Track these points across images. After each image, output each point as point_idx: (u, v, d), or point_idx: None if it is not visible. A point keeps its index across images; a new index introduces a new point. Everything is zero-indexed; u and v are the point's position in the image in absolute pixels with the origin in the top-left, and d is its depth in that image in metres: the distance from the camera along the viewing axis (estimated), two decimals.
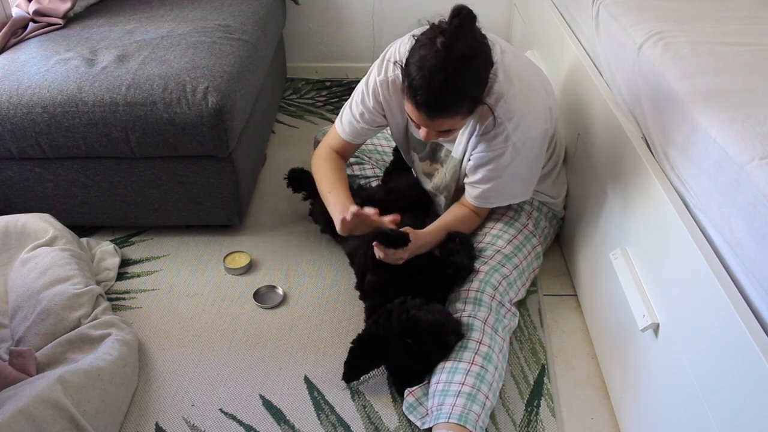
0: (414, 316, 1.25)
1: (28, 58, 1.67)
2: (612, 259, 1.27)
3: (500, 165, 1.35)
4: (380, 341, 1.28)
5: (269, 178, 2.03)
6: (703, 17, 1.40)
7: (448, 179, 1.49)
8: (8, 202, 1.71)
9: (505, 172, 1.36)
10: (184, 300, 1.58)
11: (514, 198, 1.46)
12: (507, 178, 1.37)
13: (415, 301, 1.30)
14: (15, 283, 1.47)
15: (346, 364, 1.29)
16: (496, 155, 1.33)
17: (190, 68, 1.60)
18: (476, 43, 1.15)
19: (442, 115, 1.19)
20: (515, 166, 1.35)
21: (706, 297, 0.92)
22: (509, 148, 1.31)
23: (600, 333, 1.41)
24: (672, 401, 1.03)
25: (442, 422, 1.16)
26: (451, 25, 1.12)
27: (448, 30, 1.12)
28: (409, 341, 1.24)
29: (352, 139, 1.53)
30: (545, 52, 2.01)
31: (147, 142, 1.57)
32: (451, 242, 1.40)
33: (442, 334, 1.24)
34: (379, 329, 1.28)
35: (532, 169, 1.42)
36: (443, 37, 1.11)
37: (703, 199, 1.00)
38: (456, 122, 1.23)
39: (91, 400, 1.17)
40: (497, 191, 1.41)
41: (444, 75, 1.12)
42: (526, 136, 1.31)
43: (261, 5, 2.12)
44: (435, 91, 1.14)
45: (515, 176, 1.38)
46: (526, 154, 1.34)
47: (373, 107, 1.46)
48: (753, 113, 0.99)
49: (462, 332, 1.28)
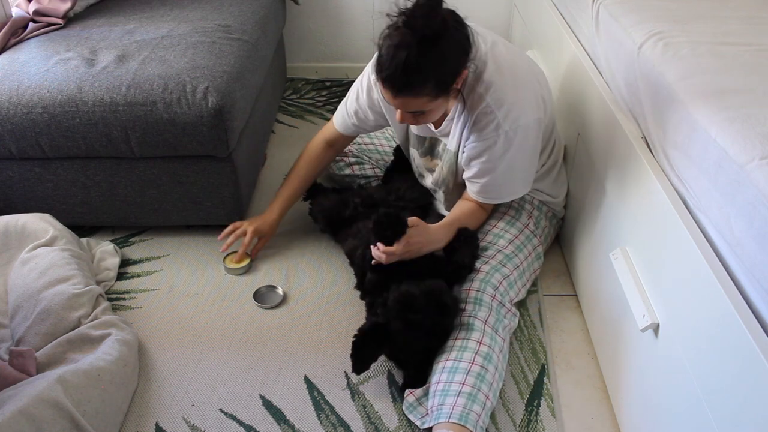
0: (407, 290, 1.26)
1: (28, 58, 1.67)
2: (612, 259, 1.27)
3: (493, 155, 1.35)
4: (381, 329, 1.27)
5: (269, 178, 2.03)
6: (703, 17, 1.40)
7: (445, 173, 1.50)
8: (8, 202, 1.71)
9: (499, 163, 1.36)
10: (184, 300, 1.58)
11: (514, 193, 1.46)
12: (503, 169, 1.37)
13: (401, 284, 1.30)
14: (15, 283, 1.47)
15: (352, 357, 1.28)
16: (488, 145, 1.34)
17: (190, 68, 1.60)
18: (442, 26, 1.16)
19: (406, 94, 1.21)
20: (509, 156, 1.35)
21: (706, 297, 0.92)
22: (501, 136, 1.32)
23: (600, 333, 1.41)
24: (672, 401, 1.03)
25: (443, 422, 1.16)
26: (416, 6, 1.16)
27: (410, 10, 1.16)
28: (410, 316, 1.24)
29: (344, 131, 1.64)
30: (545, 52, 2.01)
31: (147, 142, 1.57)
32: (456, 240, 1.40)
33: (436, 295, 1.25)
34: (378, 316, 1.28)
35: (528, 160, 1.41)
36: (404, 16, 1.16)
37: (703, 199, 1.00)
38: (424, 103, 1.24)
39: (91, 400, 1.17)
40: (496, 185, 1.41)
41: (405, 53, 1.15)
42: (518, 123, 1.31)
43: (261, 5, 2.12)
44: (397, 68, 1.17)
45: (511, 168, 1.38)
46: (520, 144, 1.34)
47: (368, 105, 1.50)
48: (753, 113, 0.99)
49: (457, 296, 1.30)
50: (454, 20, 1.20)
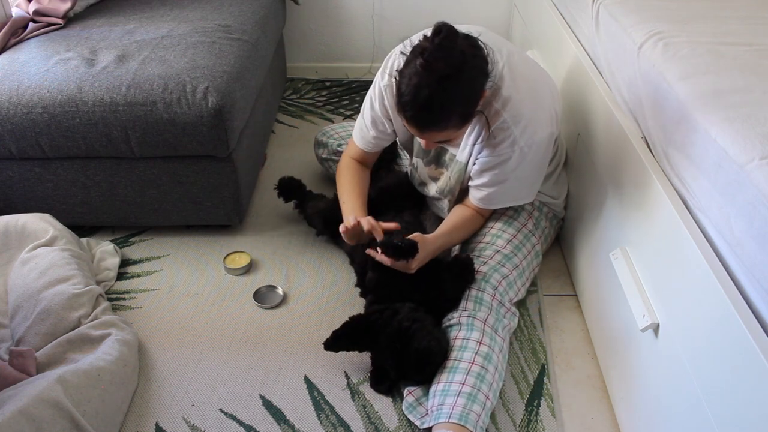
0: (410, 330, 1.25)
1: (28, 58, 1.67)
2: (612, 259, 1.27)
3: (506, 169, 1.35)
4: (373, 330, 1.28)
5: (269, 178, 2.03)
6: (703, 17, 1.40)
7: (453, 183, 1.49)
8: (8, 202, 1.71)
9: (511, 175, 1.36)
10: (184, 300, 1.58)
11: (517, 200, 1.47)
12: (512, 181, 1.38)
13: (422, 313, 1.30)
14: (15, 283, 1.47)
15: (334, 333, 1.30)
16: (503, 160, 1.33)
17: (190, 68, 1.60)
18: (460, 59, 1.14)
19: (432, 129, 1.22)
20: (521, 170, 1.35)
21: (706, 297, 0.92)
22: (516, 152, 1.31)
23: (600, 333, 1.41)
24: (672, 401, 1.03)
25: (443, 422, 1.16)
26: (432, 44, 1.12)
27: (428, 50, 1.12)
28: (396, 345, 1.25)
29: (365, 147, 1.55)
30: (545, 52, 2.01)
31: (147, 142, 1.57)
32: (449, 271, 1.38)
33: (425, 361, 1.25)
34: (378, 321, 1.28)
35: (538, 172, 1.42)
36: (422, 58, 1.12)
37: (703, 199, 1.00)
38: (449, 134, 1.24)
39: (91, 400, 1.17)
40: (502, 194, 1.42)
41: (428, 93, 1.14)
42: (533, 140, 1.31)
43: (261, 5, 2.12)
44: (421, 108, 1.16)
45: (520, 179, 1.39)
46: (532, 158, 1.35)
47: (382, 113, 1.47)
48: (753, 113, 0.99)
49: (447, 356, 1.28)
50: (470, 47, 1.17)
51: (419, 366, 1.25)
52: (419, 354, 1.23)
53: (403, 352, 1.25)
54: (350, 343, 1.32)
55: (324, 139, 1.92)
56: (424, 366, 1.25)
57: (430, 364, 1.26)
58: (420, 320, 1.27)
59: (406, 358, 1.25)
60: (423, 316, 1.29)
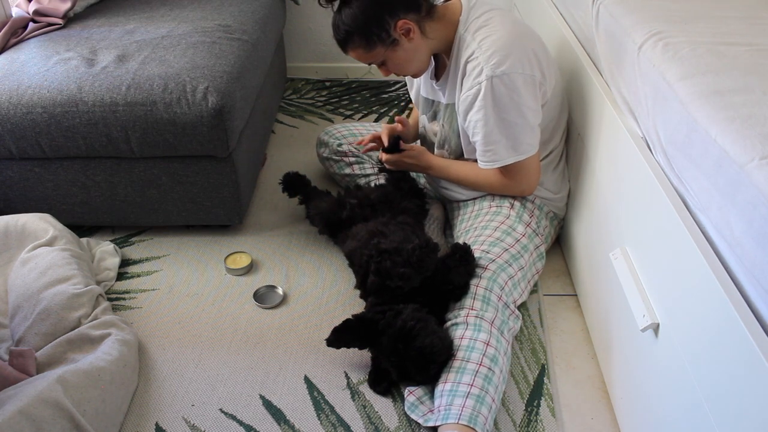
0: (414, 330, 1.24)
1: (28, 58, 1.67)
2: (612, 259, 1.27)
3: (483, 104, 1.37)
4: (375, 329, 1.28)
5: (269, 178, 2.03)
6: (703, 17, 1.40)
7: (447, 129, 1.56)
8: (8, 202, 1.71)
9: (491, 113, 1.38)
10: (184, 300, 1.58)
11: (516, 149, 1.43)
12: (495, 122, 1.39)
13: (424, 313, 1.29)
14: (15, 283, 1.47)
15: (335, 330, 1.30)
16: (476, 93, 1.38)
17: (190, 68, 1.60)
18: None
19: (345, 50, 1.45)
20: (500, 108, 1.37)
21: (706, 297, 0.92)
22: (484, 81, 1.35)
23: (600, 333, 1.41)
24: (672, 401, 1.03)
25: (452, 422, 1.16)
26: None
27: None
28: (399, 346, 1.25)
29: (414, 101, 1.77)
30: None
31: (147, 142, 1.57)
32: (450, 258, 1.38)
33: (429, 358, 1.24)
34: (381, 321, 1.28)
35: (522, 116, 1.39)
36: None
37: (703, 199, 1.00)
38: (364, 54, 1.43)
39: (91, 400, 1.17)
40: (492, 142, 1.42)
41: (334, 19, 1.42)
42: (502, 70, 1.34)
43: (261, 5, 2.13)
44: (333, 32, 1.44)
45: (504, 122, 1.39)
46: (508, 94, 1.35)
47: None
48: (753, 113, 0.99)
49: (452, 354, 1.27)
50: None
51: (422, 364, 1.24)
52: (422, 351, 1.23)
53: (406, 352, 1.24)
54: (352, 339, 1.31)
55: (326, 138, 1.92)
56: (427, 364, 1.25)
57: (434, 362, 1.25)
58: (423, 320, 1.27)
59: (408, 357, 1.24)
60: (426, 316, 1.29)
